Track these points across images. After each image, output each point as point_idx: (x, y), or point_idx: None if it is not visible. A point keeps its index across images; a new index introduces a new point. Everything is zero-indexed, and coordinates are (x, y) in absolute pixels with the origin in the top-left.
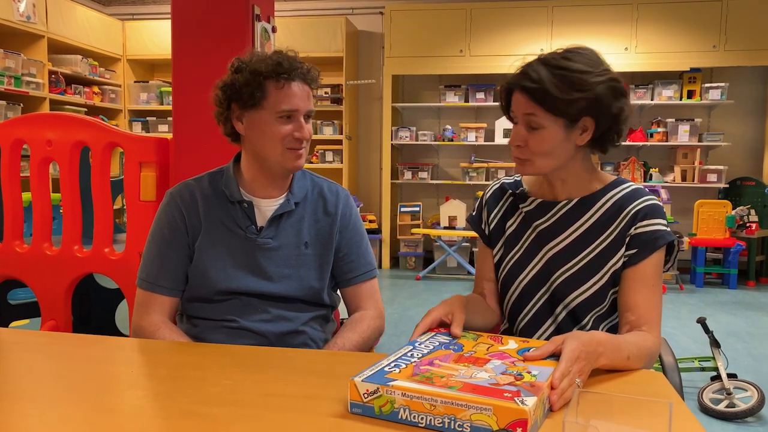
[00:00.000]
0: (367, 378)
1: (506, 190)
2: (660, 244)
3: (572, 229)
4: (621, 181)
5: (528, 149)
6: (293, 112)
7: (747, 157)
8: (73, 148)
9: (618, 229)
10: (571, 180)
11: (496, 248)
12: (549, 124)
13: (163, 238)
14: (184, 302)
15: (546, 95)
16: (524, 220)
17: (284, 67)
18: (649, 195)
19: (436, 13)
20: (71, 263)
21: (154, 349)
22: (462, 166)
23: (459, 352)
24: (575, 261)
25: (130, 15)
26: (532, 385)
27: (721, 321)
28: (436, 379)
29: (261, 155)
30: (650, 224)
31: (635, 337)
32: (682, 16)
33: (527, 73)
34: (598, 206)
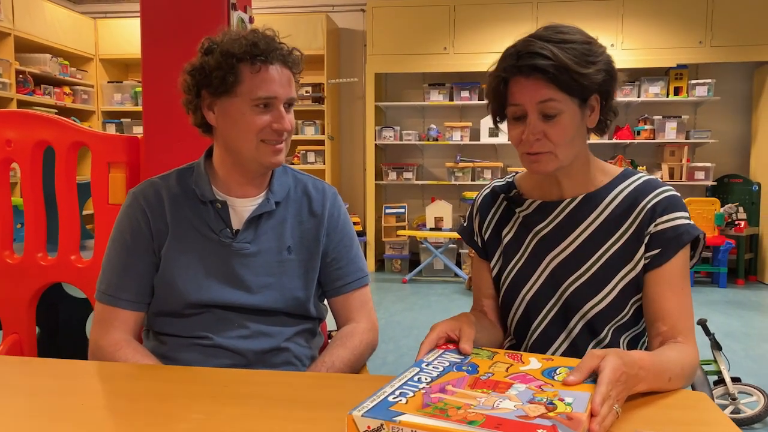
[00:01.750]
0: (368, 412)
1: (498, 193)
2: (686, 240)
3: (578, 231)
4: (629, 172)
5: (548, 141)
6: (271, 99)
7: (734, 154)
8: (35, 147)
9: (634, 227)
10: (575, 173)
11: (494, 260)
12: (567, 107)
13: (124, 245)
14: (150, 317)
15: (566, 73)
16: (523, 226)
17: (260, 48)
18: (665, 185)
19: (419, 10)
20: (34, 272)
21: (112, 374)
22: (447, 166)
23: (474, 375)
24: (585, 268)
25: (102, 13)
26: (569, 418)
27: (714, 321)
28: (451, 411)
29: (233, 149)
30: (672, 219)
31: (677, 354)
32: (669, 11)
33: (535, 53)
34: (607, 202)
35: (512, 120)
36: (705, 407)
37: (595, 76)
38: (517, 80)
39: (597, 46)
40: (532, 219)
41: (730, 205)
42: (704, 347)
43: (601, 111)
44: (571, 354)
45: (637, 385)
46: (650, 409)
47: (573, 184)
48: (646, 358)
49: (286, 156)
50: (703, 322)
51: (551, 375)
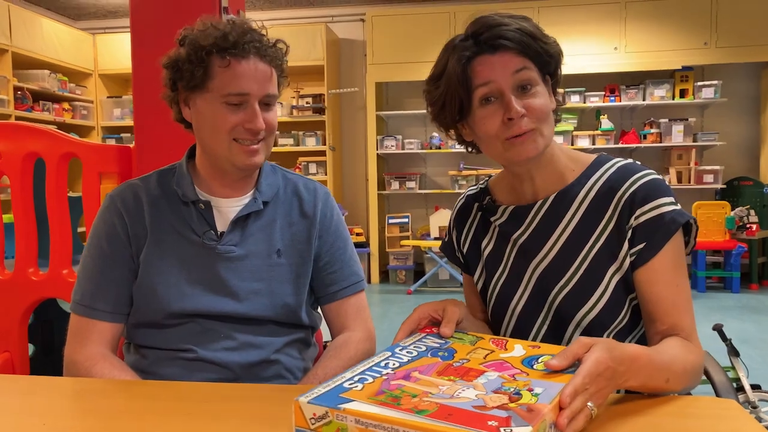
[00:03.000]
0: (315, 399)
1: (472, 203)
2: (673, 229)
3: (556, 234)
4: (604, 159)
5: (531, 117)
6: (243, 96)
7: (743, 156)
8: (25, 159)
9: (613, 221)
10: (545, 163)
11: (476, 274)
12: (539, 81)
13: (100, 251)
14: (129, 329)
15: (533, 41)
16: (500, 236)
17: (230, 40)
18: (644, 170)
19: (419, 18)
20: (26, 288)
21: (82, 391)
22: (451, 174)
23: (448, 361)
24: (570, 273)
25: (101, 29)
26: (529, 410)
27: (730, 328)
28: (405, 400)
29: (207, 148)
30: (654, 207)
31: (679, 351)
32: (672, 13)
33: (499, 23)
34: (581, 197)
35: (482, 104)
36: (736, 416)
37: (555, 47)
38: (483, 59)
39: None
40: (508, 227)
41: (740, 209)
42: (721, 354)
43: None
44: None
45: (626, 381)
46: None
47: (545, 178)
48: (643, 353)
49: (266, 156)
50: (719, 327)
51: (531, 364)
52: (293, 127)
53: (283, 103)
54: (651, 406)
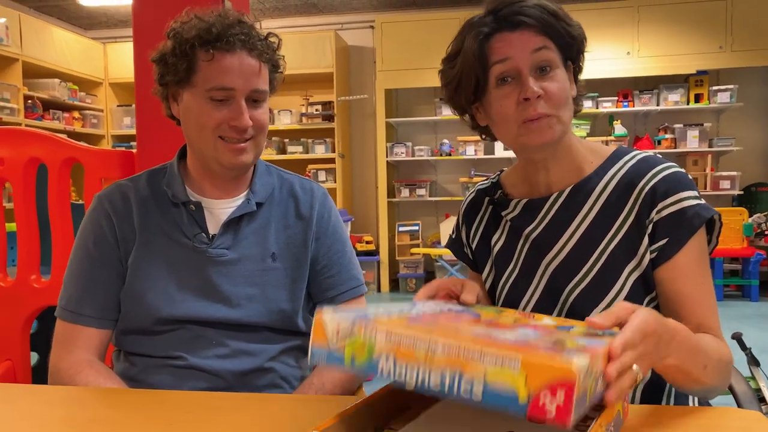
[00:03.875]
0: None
1: (483, 197)
2: (697, 224)
3: (571, 229)
4: (623, 151)
5: (549, 102)
6: (228, 92)
7: (760, 161)
8: (27, 166)
9: (633, 216)
10: (562, 154)
11: (485, 271)
12: (559, 62)
13: (87, 254)
14: (118, 335)
15: (555, 20)
16: (512, 231)
17: (214, 32)
18: (666, 162)
19: (428, 24)
20: (28, 295)
21: (65, 400)
22: (461, 181)
23: (476, 318)
24: (585, 270)
25: (112, 38)
26: (582, 349)
27: (749, 337)
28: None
29: (194, 146)
30: (677, 201)
31: (713, 342)
32: (686, 16)
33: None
34: (599, 191)
35: (499, 84)
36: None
37: (578, 30)
38: (501, 36)
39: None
40: (521, 221)
41: (758, 215)
42: (741, 363)
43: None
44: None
45: (668, 356)
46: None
47: (561, 170)
48: (682, 329)
49: (256, 156)
50: (738, 335)
51: (565, 329)
52: (302, 134)
53: (293, 111)
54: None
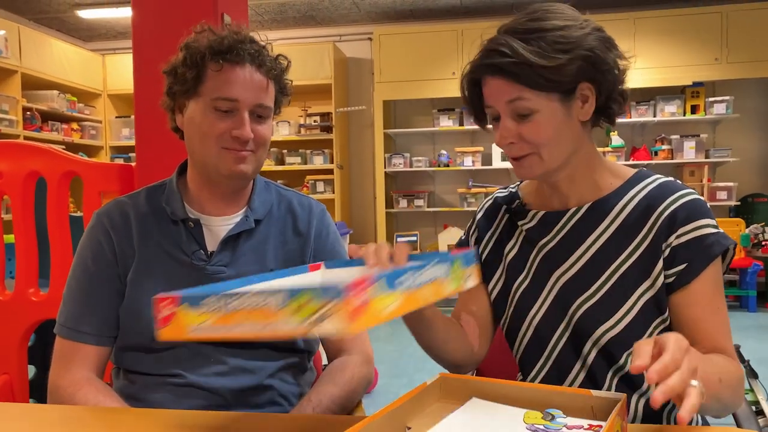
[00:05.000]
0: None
1: (501, 205)
2: (716, 252)
3: (586, 245)
4: (644, 174)
5: (525, 142)
6: (233, 103)
7: (756, 172)
8: (26, 179)
9: (650, 239)
10: (579, 176)
11: (494, 279)
12: (541, 105)
13: (86, 271)
14: (117, 353)
15: (528, 68)
16: (526, 241)
17: (225, 44)
18: (686, 189)
19: (426, 36)
20: (26, 309)
21: (64, 419)
22: (459, 191)
23: None
24: (595, 287)
25: (111, 50)
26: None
27: (747, 348)
28: None
29: (196, 157)
30: (697, 228)
31: (724, 360)
32: (681, 29)
33: (495, 50)
34: (617, 210)
35: (493, 123)
36: None
37: (567, 66)
38: (487, 81)
39: (576, 29)
40: (536, 233)
41: (755, 226)
42: None
43: (598, 100)
44: (591, 386)
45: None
46: None
47: (577, 190)
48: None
49: (255, 169)
50: (737, 348)
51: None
52: (301, 145)
53: (291, 122)
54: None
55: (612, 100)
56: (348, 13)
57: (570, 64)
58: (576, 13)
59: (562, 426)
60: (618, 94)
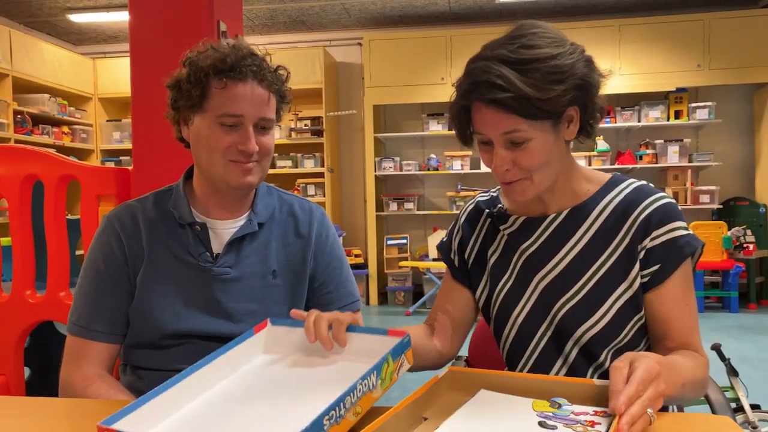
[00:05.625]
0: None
1: (482, 209)
2: (687, 253)
3: (566, 249)
4: (619, 179)
5: (519, 169)
6: (238, 118)
7: (738, 176)
8: (23, 182)
9: (626, 241)
10: (560, 185)
11: (480, 286)
12: (536, 133)
13: (97, 272)
14: (126, 350)
15: (526, 102)
16: (508, 245)
17: (228, 62)
18: (659, 192)
19: (416, 42)
20: (22, 310)
21: (79, 412)
22: (449, 195)
23: None
24: (576, 288)
25: (101, 53)
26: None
27: (728, 347)
28: None
29: (203, 167)
30: (670, 230)
31: (688, 360)
32: (665, 36)
33: (491, 82)
34: (595, 215)
35: (481, 145)
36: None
37: (562, 97)
38: (478, 108)
39: (566, 56)
40: (518, 237)
41: (737, 228)
42: (720, 373)
43: (581, 120)
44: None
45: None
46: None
47: (557, 197)
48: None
49: (261, 178)
50: (717, 346)
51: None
52: (292, 149)
53: (282, 126)
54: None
55: (592, 119)
56: (338, 18)
57: (564, 94)
58: (559, 34)
59: (569, 413)
60: (596, 111)
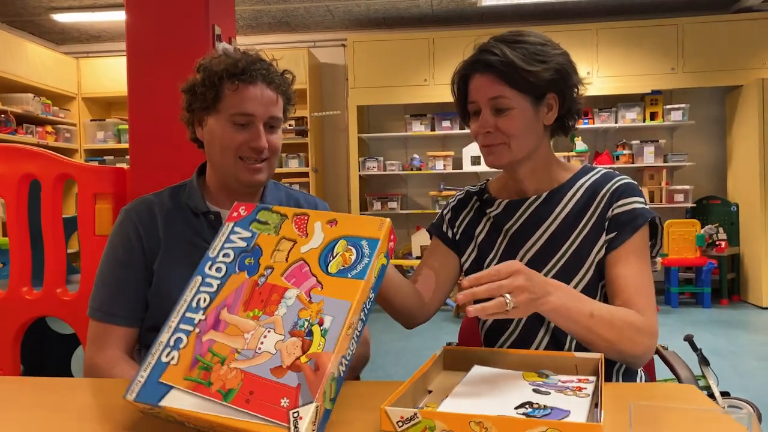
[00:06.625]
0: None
1: (472, 195)
2: (640, 222)
3: (545, 225)
4: (589, 168)
5: (500, 133)
6: (249, 117)
7: (711, 176)
8: (20, 181)
9: (596, 214)
10: (538, 170)
11: (467, 253)
12: (517, 103)
13: (117, 261)
14: (143, 332)
15: (513, 70)
16: (494, 226)
17: (240, 66)
18: (621, 175)
19: (399, 44)
20: (20, 306)
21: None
22: (431, 194)
23: (253, 276)
24: (555, 259)
25: (84, 53)
26: (316, 367)
27: (701, 340)
28: (215, 374)
29: (216, 165)
30: (628, 203)
31: (612, 306)
32: (641, 40)
33: (488, 51)
34: (570, 196)
35: (472, 116)
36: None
37: (542, 74)
38: (475, 78)
39: (551, 48)
40: (502, 218)
41: (710, 226)
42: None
43: (560, 111)
44: (554, 346)
45: (547, 294)
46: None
47: (536, 182)
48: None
49: (269, 175)
50: (690, 337)
51: (327, 262)
52: None
53: None
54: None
55: (569, 116)
56: (322, 20)
57: (545, 72)
58: (549, 38)
59: (557, 381)
60: (575, 112)
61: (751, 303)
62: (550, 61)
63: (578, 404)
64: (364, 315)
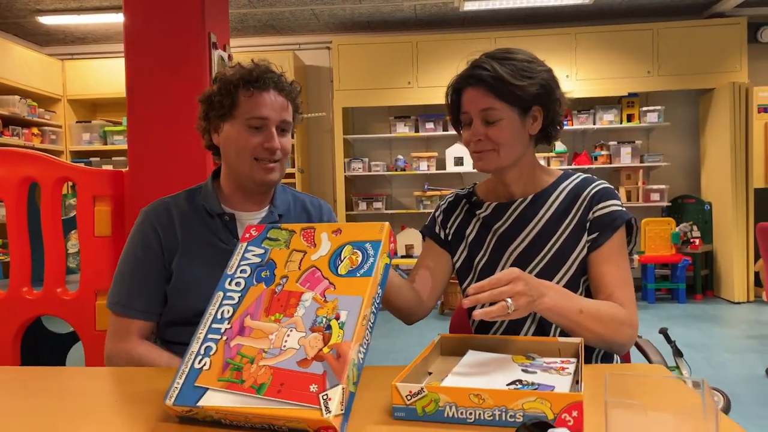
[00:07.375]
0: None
1: (461, 198)
2: (619, 223)
3: (531, 225)
4: (569, 173)
5: (490, 141)
6: (263, 121)
7: (686, 176)
8: (20, 184)
9: (578, 216)
10: (524, 176)
11: (458, 252)
12: (506, 114)
13: (136, 259)
14: (161, 327)
15: (502, 84)
16: (483, 226)
17: (254, 75)
18: (600, 180)
19: (383, 47)
20: (20, 306)
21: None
22: (416, 195)
23: (271, 286)
24: (540, 257)
25: (69, 55)
26: (338, 355)
27: (676, 334)
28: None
29: (232, 167)
30: (607, 206)
31: (597, 302)
32: (618, 44)
33: (480, 67)
34: (553, 198)
35: (465, 125)
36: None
37: (529, 88)
38: (467, 91)
39: (537, 65)
40: (491, 219)
41: (685, 224)
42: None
43: (544, 122)
44: (540, 334)
45: (542, 295)
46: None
47: (522, 186)
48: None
49: (281, 176)
50: (665, 330)
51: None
52: None
53: None
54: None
55: (552, 126)
56: (307, 23)
57: (531, 87)
58: (535, 56)
59: (543, 362)
60: (556, 123)
61: (724, 298)
62: (536, 76)
63: (561, 381)
64: (375, 308)
